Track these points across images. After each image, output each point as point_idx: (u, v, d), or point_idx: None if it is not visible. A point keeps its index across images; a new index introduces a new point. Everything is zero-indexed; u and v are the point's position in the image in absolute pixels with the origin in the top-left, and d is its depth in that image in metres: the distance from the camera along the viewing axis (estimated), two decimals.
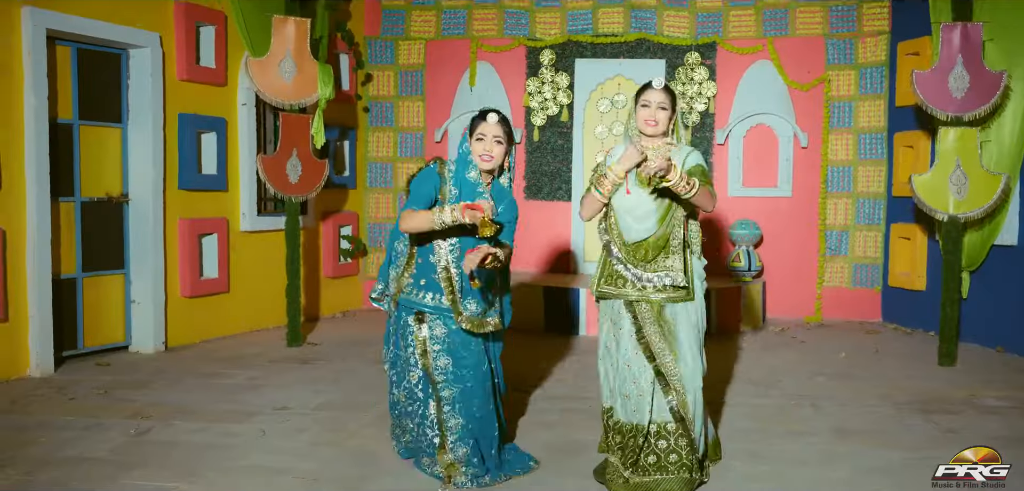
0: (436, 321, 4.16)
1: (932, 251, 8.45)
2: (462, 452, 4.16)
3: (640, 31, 9.24)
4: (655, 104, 4.10)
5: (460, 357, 4.18)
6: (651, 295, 4.09)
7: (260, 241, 8.15)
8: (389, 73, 9.59)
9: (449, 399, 4.17)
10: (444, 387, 4.16)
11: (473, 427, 4.20)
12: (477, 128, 4.10)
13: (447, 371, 4.16)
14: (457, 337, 4.17)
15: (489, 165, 4.09)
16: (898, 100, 8.79)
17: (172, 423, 5.12)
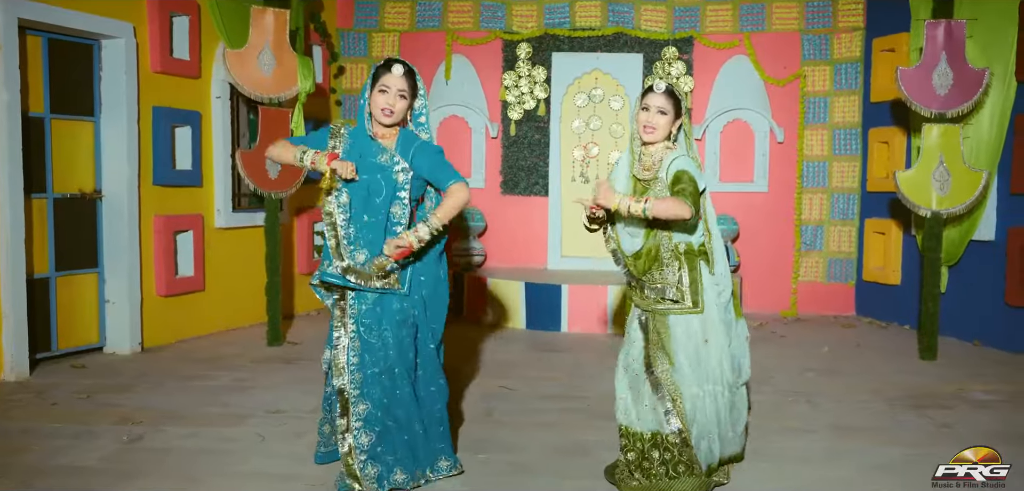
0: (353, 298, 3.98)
1: (907, 246, 8.55)
2: (364, 440, 3.95)
3: (618, 25, 9.20)
4: (654, 108, 3.95)
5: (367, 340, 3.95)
6: (654, 306, 4.04)
7: (235, 238, 7.95)
8: (362, 66, 9.42)
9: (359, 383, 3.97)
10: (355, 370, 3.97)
11: (381, 415, 3.98)
12: (380, 78, 3.91)
13: (359, 352, 3.96)
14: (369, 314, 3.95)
15: (389, 120, 3.90)
16: (873, 96, 8.87)
17: (163, 429, 4.95)
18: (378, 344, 3.95)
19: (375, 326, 3.95)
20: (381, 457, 3.98)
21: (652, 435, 4.06)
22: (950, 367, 6.82)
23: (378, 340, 3.95)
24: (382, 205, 3.91)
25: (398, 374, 3.99)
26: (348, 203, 3.90)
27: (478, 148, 9.38)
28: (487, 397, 5.76)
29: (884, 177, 8.75)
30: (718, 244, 4.10)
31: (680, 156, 3.95)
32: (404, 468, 4.04)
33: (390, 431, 4.01)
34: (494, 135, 9.35)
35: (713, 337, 4.04)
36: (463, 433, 4.99)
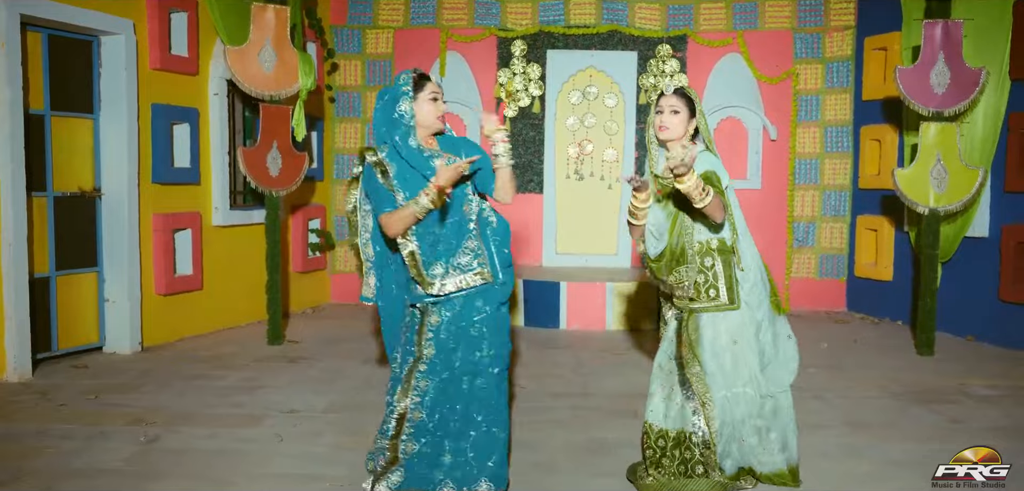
0: (434, 310, 3.84)
1: (899, 242, 8.65)
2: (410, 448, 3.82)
3: (612, 23, 9.22)
4: (668, 109, 3.99)
5: (445, 344, 3.82)
6: (689, 305, 4.06)
7: (233, 236, 7.89)
8: (356, 62, 9.37)
9: (423, 391, 3.81)
10: (422, 378, 3.81)
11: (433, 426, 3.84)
12: (427, 88, 3.81)
13: (430, 361, 3.81)
14: (455, 322, 3.83)
15: (442, 126, 3.88)
16: (865, 94, 8.96)
17: (178, 429, 4.91)
18: (454, 347, 3.83)
19: (451, 333, 3.82)
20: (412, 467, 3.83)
21: (677, 433, 4.08)
22: (948, 362, 6.91)
23: (454, 343, 3.83)
24: (454, 210, 3.84)
25: (465, 384, 3.88)
26: (414, 227, 3.77)
27: None
28: None
29: (875, 174, 8.85)
30: (745, 241, 4.11)
31: (703, 152, 4.00)
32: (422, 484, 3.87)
33: (435, 445, 3.86)
34: None
35: (742, 338, 4.07)
36: None
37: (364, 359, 6.73)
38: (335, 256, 9.44)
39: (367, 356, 6.84)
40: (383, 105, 3.83)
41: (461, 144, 4.00)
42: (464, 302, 3.83)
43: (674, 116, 3.99)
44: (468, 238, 3.85)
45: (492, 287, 3.88)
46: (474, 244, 3.86)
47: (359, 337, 7.59)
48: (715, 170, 3.92)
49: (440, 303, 3.80)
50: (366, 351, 7.00)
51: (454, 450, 3.88)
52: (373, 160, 3.80)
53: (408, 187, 3.74)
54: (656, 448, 4.11)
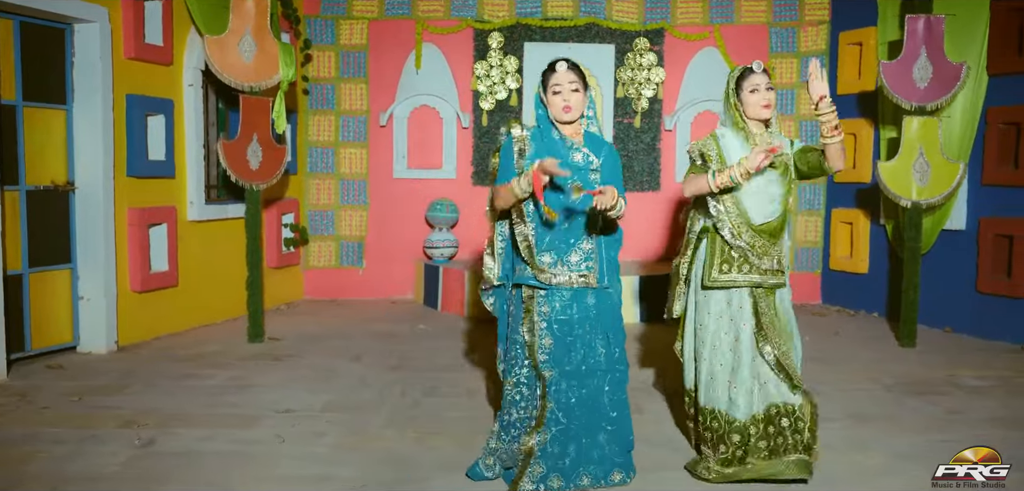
0: (543, 298, 3.91)
1: (874, 235, 8.72)
2: (542, 438, 3.89)
3: (590, 15, 9.16)
4: (764, 86, 4.03)
5: (560, 338, 3.90)
6: (769, 280, 4.03)
7: (208, 231, 7.68)
8: (330, 54, 9.18)
9: (550, 381, 3.90)
10: (544, 368, 3.89)
11: (563, 416, 3.92)
12: (550, 81, 3.88)
13: (549, 350, 3.90)
14: (565, 312, 3.90)
15: (572, 116, 3.86)
16: (839, 88, 9.02)
17: (174, 431, 4.74)
18: (570, 341, 3.91)
19: (568, 322, 3.90)
20: (550, 459, 3.90)
21: (763, 414, 4.09)
22: (931, 354, 6.97)
23: (570, 337, 3.91)
24: (579, 205, 3.85)
25: (586, 372, 3.95)
26: (535, 211, 3.86)
27: (449, 138, 9.25)
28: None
29: (850, 168, 8.91)
30: None
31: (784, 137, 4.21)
32: (564, 475, 3.93)
33: (568, 433, 3.92)
34: (465, 125, 9.22)
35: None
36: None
37: (353, 357, 6.59)
38: (309, 251, 9.26)
39: (355, 353, 6.70)
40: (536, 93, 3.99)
41: (602, 145, 4.02)
42: (573, 297, 3.90)
43: (770, 92, 4.06)
44: (584, 239, 3.91)
45: (599, 291, 3.97)
46: (589, 246, 3.94)
47: (342, 334, 7.45)
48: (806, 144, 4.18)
49: (548, 294, 3.87)
50: (353, 349, 6.86)
51: (588, 443, 3.97)
52: (517, 134, 3.94)
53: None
54: (748, 439, 4.08)
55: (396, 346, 7.02)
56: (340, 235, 9.28)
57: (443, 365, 6.40)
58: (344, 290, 9.30)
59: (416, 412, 5.19)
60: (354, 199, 9.25)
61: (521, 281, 3.94)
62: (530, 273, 3.88)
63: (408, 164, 9.26)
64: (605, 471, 4.02)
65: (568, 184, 3.83)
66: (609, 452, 4.03)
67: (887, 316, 8.48)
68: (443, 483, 4.08)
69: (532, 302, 3.92)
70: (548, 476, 3.90)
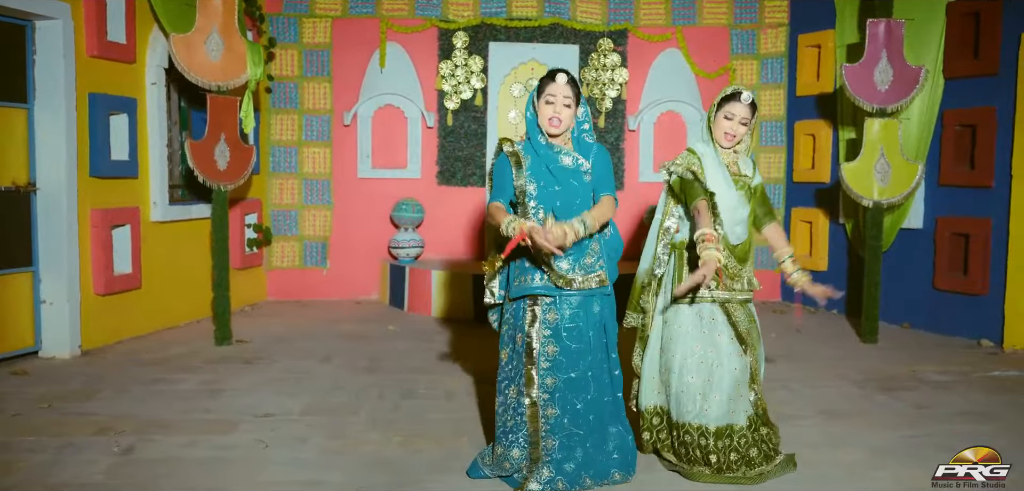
0: (549, 306, 3.94)
1: (833, 234, 8.88)
2: (550, 444, 3.94)
3: (554, 16, 9.19)
4: (738, 119, 4.11)
5: (568, 345, 3.94)
6: (738, 296, 4.10)
7: (172, 232, 7.56)
8: (293, 52, 9.08)
9: (551, 388, 3.94)
10: (547, 374, 3.93)
11: (569, 422, 3.96)
12: (545, 89, 3.93)
13: (554, 358, 3.93)
14: (573, 320, 3.94)
15: (557, 129, 3.91)
16: (798, 90, 9.18)
17: (152, 438, 4.66)
18: (578, 348, 3.95)
19: (576, 330, 3.95)
20: (556, 463, 3.94)
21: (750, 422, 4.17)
22: (893, 350, 7.13)
23: (578, 344, 3.95)
24: (581, 209, 3.90)
25: (593, 377, 4.00)
26: (542, 218, 3.89)
27: (414, 138, 9.22)
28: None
29: (809, 168, 9.07)
30: None
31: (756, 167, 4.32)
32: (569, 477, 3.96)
33: (574, 438, 3.97)
34: (430, 125, 9.20)
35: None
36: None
37: (323, 358, 6.54)
38: (272, 252, 9.15)
39: (325, 355, 6.65)
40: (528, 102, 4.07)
41: (590, 147, 4.07)
42: (582, 302, 3.95)
43: (742, 127, 4.15)
44: (593, 240, 3.98)
45: (606, 293, 4.04)
46: (597, 247, 4.01)
47: (309, 335, 7.38)
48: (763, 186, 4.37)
49: (556, 301, 3.91)
50: (323, 350, 6.81)
51: (593, 447, 4.03)
52: (509, 150, 4.01)
53: (539, 179, 3.94)
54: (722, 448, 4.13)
55: (366, 347, 6.98)
56: (304, 235, 9.20)
57: (417, 367, 6.38)
58: (308, 291, 9.21)
59: (396, 415, 5.16)
60: (318, 199, 9.17)
61: (524, 292, 3.96)
62: (535, 282, 3.92)
63: (372, 164, 9.21)
64: (606, 471, 4.08)
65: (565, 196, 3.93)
66: (614, 453, 4.11)
67: (847, 313, 8.65)
68: (437, 487, 4.07)
69: (536, 310, 3.94)
70: (554, 480, 3.93)
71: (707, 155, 4.16)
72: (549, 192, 3.92)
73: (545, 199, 3.92)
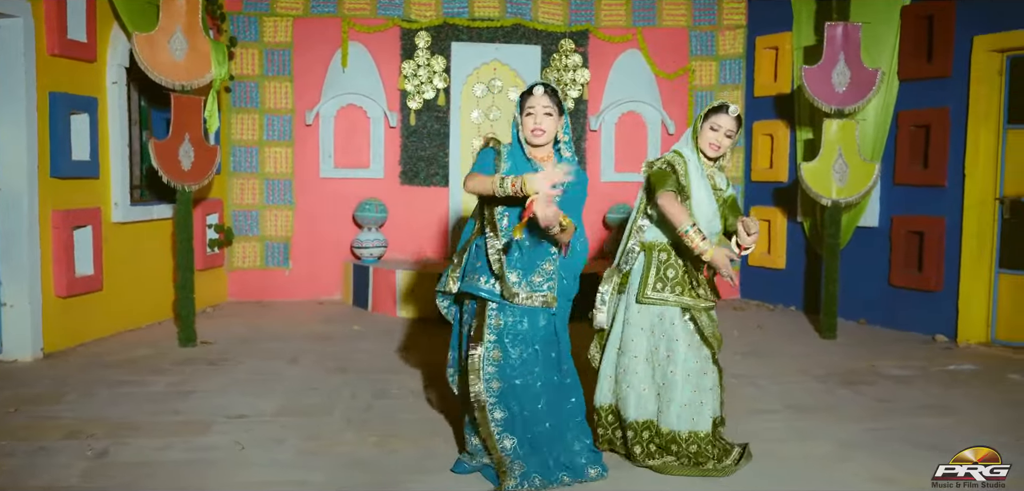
0: (495, 311, 3.99)
1: (791, 232, 9.05)
2: (508, 443, 4.00)
3: (516, 17, 9.23)
4: (723, 131, 4.19)
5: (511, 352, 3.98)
6: (701, 304, 4.17)
7: (133, 232, 7.47)
8: (253, 51, 9.01)
9: (496, 391, 3.98)
10: (492, 378, 3.97)
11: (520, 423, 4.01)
12: (525, 104, 3.99)
13: (498, 363, 3.97)
14: (516, 327, 3.98)
15: (541, 140, 3.96)
16: (756, 91, 9.33)
17: (125, 441, 4.61)
18: (524, 356, 3.98)
19: (520, 339, 3.97)
20: (524, 461, 4.00)
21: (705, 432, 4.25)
22: (852, 346, 7.30)
23: (524, 353, 3.98)
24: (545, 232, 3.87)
25: (543, 387, 4.03)
26: (508, 224, 3.97)
27: (377, 138, 9.20)
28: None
29: (767, 168, 9.23)
30: None
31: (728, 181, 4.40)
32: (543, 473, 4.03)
33: (538, 437, 4.03)
34: (393, 124, 9.19)
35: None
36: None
37: (291, 359, 6.52)
38: (233, 252, 9.08)
39: (293, 356, 6.62)
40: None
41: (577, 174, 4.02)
42: (528, 317, 3.98)
43: (727, 139, 4.23)
44: (547, 261, 4.02)
45: (552, 312, 4.07)
46: (550, 268, 4.02)
47: (275, 336, 7.35)
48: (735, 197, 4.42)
49: (500, 308, 3.95)
50: (289, 351, 6.78)
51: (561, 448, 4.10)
52: (495, 145, 4.07)
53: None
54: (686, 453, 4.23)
55: (333, 348, 6.97)
56: (265, 235, 9.14)
57: (386, 367, 6.39)
58: (269, 291, 9.15)
59: (370, 415, 5.17)
60: (279, 199, 9.12)
61: (470, 290, 4.02)
62: (481, 284, 3.98)
63: (335, 163, 9.18)
64: (582, 468, 4.13)
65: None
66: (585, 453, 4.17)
67: (804, 310, 8.82)
68: (417, 487, 4.09)
69: (484, 314, 4.00)
70: (530, 474, 3.98)
71: (692, 161, 4.25)
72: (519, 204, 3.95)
73: (513, 210, 3.97)
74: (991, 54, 7.10)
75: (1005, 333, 7.22)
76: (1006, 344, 7.17)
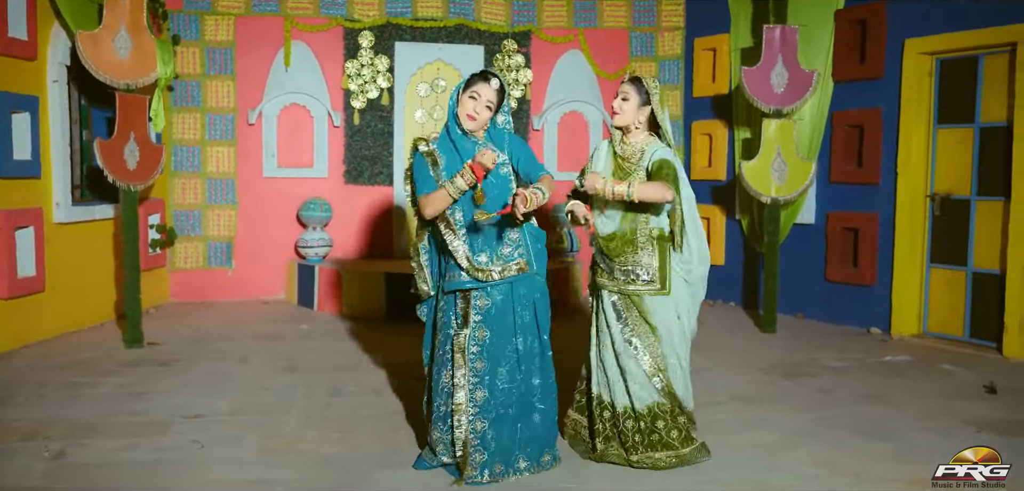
0: (479, 294, 4.08)
1: (729, 229, 9.27)
2: (478, 427, 4.08)
3: (459, 17, 9.30)
4: (619, 96, 4.29)
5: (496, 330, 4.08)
6: (625, 287, 4.27)
7: (76, 233, 7.35)
8: (194, 50, 8.91)
9: (480, 372, 4.08)
10: (476, 359, 4.07)
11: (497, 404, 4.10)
12: (474, 85, 4.05)
13: (482, 342, 4.07)
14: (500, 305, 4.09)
15: (471, 126, 4.06)
16: (694, 91, 9.55)
17: (83, 442, 4.57)
18: (504, 332, 4.08)
19: (502, 316, 4.08)
20: (489, 445, 4.06)
21: (624, 409, 4.32)
22: (792, 339, 7.52)
23: (505, 329, 4.08)
24: (499, 201, 4.00)
25: (520, 359, 4.13)
26: (463, 216, 4.05)
27: (320, 137, 9.18)
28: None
29: (706, 166, 9.44)
30: (692, 226, 4.42)
31: (661, 147, 4.28)
32: (503, 461, 4.10)
33: (504, 420, 4.10)
34: (337, 124, 9.18)
35: (684, 314, 4.41)
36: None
37: (241, 359, 6.50)
38: (175, 253, 8.98)
39: (243, 356, 6.60)
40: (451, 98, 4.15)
41: (503, 136, 4.22)
42: (510, 288, 4.09)
43: (624, 102, 4.27)
44: (511, 230, 4.08)
45: (531, 276, 4.16)
46: (516, 235, 4.11)
47: (222, 336, 7.30)
48: (668, 158, 4.25)
49: (484, 288, 4.05)
50: (239, 351, 6.75)
51: (523, 426, 4.16)
52: (425, 150, 4.09)
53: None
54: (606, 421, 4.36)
55: (283, 347, 6.96)
56: (208, 235, 9.05)
57: (338, 365, 6.41)
58: (212, 291, 9.07)
59: (329, 413, 5.20)
60: (222, 198, 9.04)
61: (455, 287, 4.12)
62: (463, 278, 4.08)
63: (278, 163, 9.13)
64: (538, 452, 4.24)
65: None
66: (541, 433, 4.25)
67: (743, 305, 9.05)
68: (385, 482, 4.14)
69: (468, 300, 4.10)
70: (490, 462, 4.07)
71: (600, 149, 4.47)
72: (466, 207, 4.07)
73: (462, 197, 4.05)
74: (921, 56, 7.39)
75: (937, 325, 7.52)
76: (938, 336, 7.47)
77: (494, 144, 4.17)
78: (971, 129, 7.17)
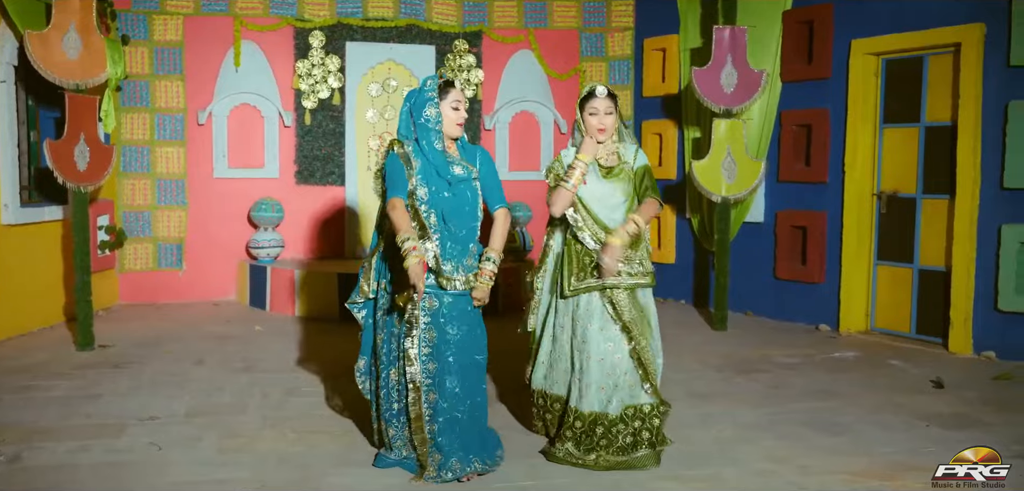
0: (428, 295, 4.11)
1: (680, 228, 9.40)
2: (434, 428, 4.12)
3: (410, 17, 9.32)
4: (603, 111, 4.35)
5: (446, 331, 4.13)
6: (626, 282, 4.33)
7: (24, 235, 7.24)
8: (143, 50, 8.80)
9: (433, 373, 4.11)
10: (428, 360, 4.10)
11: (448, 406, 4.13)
12: (449, 96, 4.14)
13: (433, 344, 4.11)
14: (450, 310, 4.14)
15: (459, 133, 4.19)
16: (645, 91, 9.67)
17: (38, 445, 4.52)
18: (458, 336, 4.13)
19: (455, 319, 4.13)
20: (443, 446, 4.08)
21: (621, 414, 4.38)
22: (742, 336, 7.66)
23: (457, 332, 4.14)
24: (470, 216, 4.15)
25: (469, 365, 4.19)
26: (437, 223, 4.11)
27: (271, 137, 9.14)
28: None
29: (656, 166, 9.53)
30: None
31: (638, 149, 4.53)
32: (460, 458, 4.12)
33: (456, 422, 4.13)
34: (288, 124, 9.14)
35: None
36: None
37: (196, 361, 6.45)
38: (124, 254, 8.86)
39: (197, 357, 6.56)
40: (409, 108, 4.17)
41: (476, 151, 4.33)
42: (459, 295, 4.16)
43: (608, 117, 4.37)
44: (472, 244, 4.21)
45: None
46: (475, 248, 4.23)
47: (175, 338, 7.24)
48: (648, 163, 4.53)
49: (435, 291, 4.11)
50: (192, 352, 6.70)
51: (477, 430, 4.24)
52: (400, 151, 4.13)
53: (430, 183, 4.13)
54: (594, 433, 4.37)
55: (237, 348, 6.92)
56: (157, 236, 8.95)
57: (293, 365, 6.41)
58: (163, 293, 8.97)
59: (285, 413, 5.20)
60: (172, 199, 8.95)
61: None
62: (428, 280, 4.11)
63: (229, 163, 9.07)
64: (490, 452, 4.31)
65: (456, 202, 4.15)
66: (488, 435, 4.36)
67: (694, 303, 9.19)
68: (342, 480, 4.16)
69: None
70: (447, 461, 4.10)
71: (568, 156, 4.47)
72: (440, 197, 4.13)
73: (436, 203, 4.12)
74: (867, 57, 7.57)
75: (884, 321, 7.71)
76: (885, 332, 7.66)
77: (466, 158, 4.24)
78: (917, 128, 7.37)
